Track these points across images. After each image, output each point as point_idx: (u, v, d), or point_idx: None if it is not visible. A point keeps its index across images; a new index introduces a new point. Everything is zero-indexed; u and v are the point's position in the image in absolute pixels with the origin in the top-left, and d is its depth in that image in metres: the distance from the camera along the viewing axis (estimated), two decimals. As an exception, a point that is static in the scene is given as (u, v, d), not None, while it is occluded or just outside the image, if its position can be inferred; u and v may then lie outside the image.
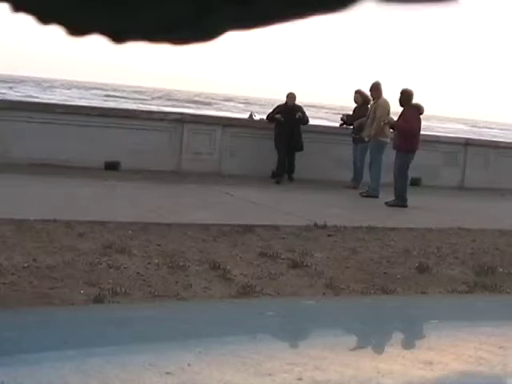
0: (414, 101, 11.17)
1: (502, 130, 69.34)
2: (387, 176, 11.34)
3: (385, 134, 11.61)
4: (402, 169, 10.98)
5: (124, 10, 0.45)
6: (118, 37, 0.46)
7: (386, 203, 10.81)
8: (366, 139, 11.76)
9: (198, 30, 0.45)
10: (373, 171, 11.70)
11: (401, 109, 11.19)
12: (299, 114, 12.53)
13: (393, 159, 11.25)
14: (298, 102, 12.83)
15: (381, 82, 12.13)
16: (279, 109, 12.83)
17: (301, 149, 12.63)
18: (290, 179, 12.69)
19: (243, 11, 0.44)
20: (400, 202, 10.83)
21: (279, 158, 12.53)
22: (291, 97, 12.79)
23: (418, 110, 11.12)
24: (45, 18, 0.45)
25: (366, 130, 11.78)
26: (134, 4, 0.45)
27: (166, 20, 0.45)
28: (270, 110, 13.27)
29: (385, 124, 11.49)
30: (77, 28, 0.46)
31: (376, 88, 11.94)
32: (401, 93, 11.10)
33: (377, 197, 11.36)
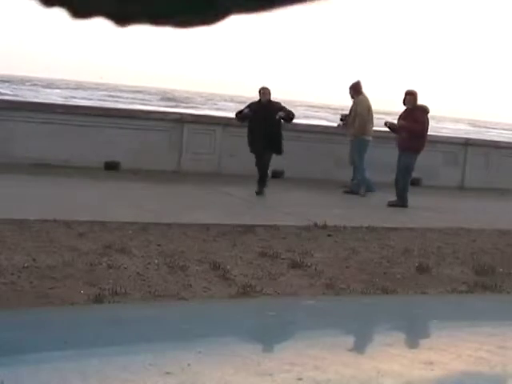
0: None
1: (504, 130, 69.16)
2: (385, 176, 11.34)
3: (367, 132, 11.71)
4: (407, 169, 11.05)
5: None
6: (122, 19, 0.46)
7: (389, 202, 10.85)
8: (350, 138, 11.84)
9: (202, 12, 0.45)
10: (357, 169, 11.80)
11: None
12: (280, 113, 10.76)
13: (392, 159, 11.26)
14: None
15: (360, 80, 12.18)
16: (252, 107, 11.11)
17: (277, 151, 10.94)
18: (259, 192, 10.78)
19: None
20: (401, 201, 10.85)
21: (256, 162, 11.00)
22: (265, 92, 11.06)
23: (425, 110, 11.20)
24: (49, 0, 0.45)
25: (350, 128, 11.92)
26: None
27: (170, 2, 0.45)
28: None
29: (386, 126, 11.53)
30: (80, 10, 0.46)
31: (354, 87, 12.03)
32: (408, 93, 11.15)
33: (357, 193, 11.49)
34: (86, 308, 3.15)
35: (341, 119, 13.38)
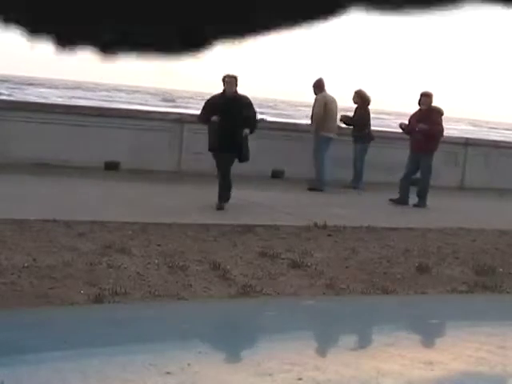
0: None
1: (507, 130, 68.97)
2: (385, 176, 11.34)
3: (327, 129, 11.88)
4: (428, 170, 11.24)
5: (113, 25, 0.45)
6: (107, 49, 0.46)
7: (392, 200, 10.93)
8: (311, 134, 12.08)
9: (188, 44, 0.46)
10: (316, 165, 11.96)
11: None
12: (246, 131, 9.18)
13: (391, 159, 11.27)
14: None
15: (323, 78, 12.33)
16: (215, 101, 9.33)
17: (245, 158, 9.54)
18: (219, 207, 9.17)
19: (232, 26, 0.45)
20: (424, 201, 11.04)
21: (218, 172, 9.63)
22: (230, 82, 9.15)
23: (440, 112, 11.34)
24: (35, 30, 0.45)
25: (311, 125, 12.22)
26: (124, 20, 0.45)
27: (157, 36, 0.46)
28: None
29: (400, 128, 11.60)
30: (66, 40, 0.46)
31: (316, 85, 12.15)
32: (423, 95, 11.24)
33: (321, 190, 11.55)
34: (86, 308, 3.15)
35: (340, 119, 13.39)
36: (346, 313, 1.75)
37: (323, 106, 11.87)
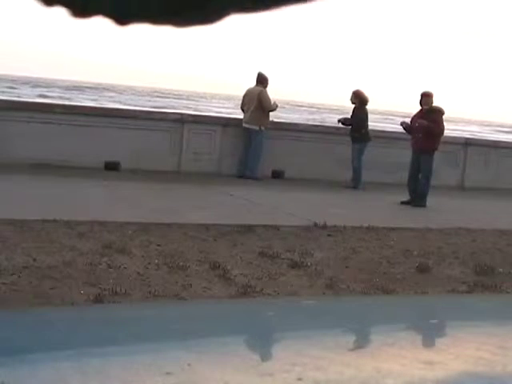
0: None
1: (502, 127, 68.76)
2: (385, 175, 11.33)
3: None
4: (431, 169, 11.26)
5: None
6: (122, 19, 0.46)
7: (403, 203, 10.92)
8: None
9: (202, 12, 0.46)
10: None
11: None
12: None
13: (391, 159, 11.26)
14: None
15: (260, 72, 12.85)
16: None
17: None
18: None
19: None
20: (423, 201, 10.98)
21: None
22: None
23: (441, 112, 11.38)
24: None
25: None
26: None
27: (171, 3, 0.46)
28: None
29: (402, 127, 11.63)
30: (81, 9, 0.46)
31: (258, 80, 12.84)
32: (424, 95, 11.31)
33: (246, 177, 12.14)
34: (86, 308, 3.15)
35: (338, 120, 13.40)
36: (346, 313, 1.75)
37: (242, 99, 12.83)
